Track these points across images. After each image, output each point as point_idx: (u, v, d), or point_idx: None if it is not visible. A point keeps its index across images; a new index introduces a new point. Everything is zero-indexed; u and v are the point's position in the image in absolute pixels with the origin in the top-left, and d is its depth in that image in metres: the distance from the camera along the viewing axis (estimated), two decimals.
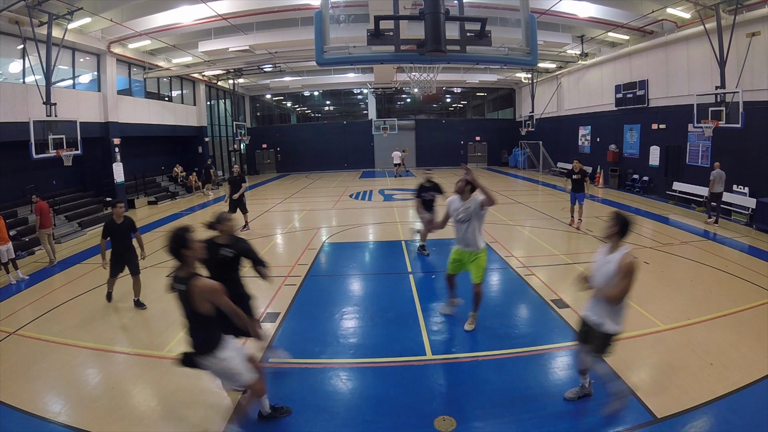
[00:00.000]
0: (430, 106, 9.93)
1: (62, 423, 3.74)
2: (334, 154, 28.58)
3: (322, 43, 3.78)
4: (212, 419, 3.73)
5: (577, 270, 7.43)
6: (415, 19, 3.75)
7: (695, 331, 5.05)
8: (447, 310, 5.73)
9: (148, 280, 7.75)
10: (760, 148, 11.01)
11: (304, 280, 7.39)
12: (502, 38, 7.07)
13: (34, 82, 10.98)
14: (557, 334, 5.10)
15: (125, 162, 15.75)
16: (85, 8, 11.38)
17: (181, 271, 3.10)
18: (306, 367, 4.58)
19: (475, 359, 4.64)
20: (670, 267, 7.65)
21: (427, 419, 3.63)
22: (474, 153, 29.50)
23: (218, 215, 4.32)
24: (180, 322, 5.68)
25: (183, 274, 3.08)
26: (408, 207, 14.83)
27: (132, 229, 6.37)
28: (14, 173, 12.32)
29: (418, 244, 8.87)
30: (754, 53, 11.01)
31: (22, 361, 4.87)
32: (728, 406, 3.68)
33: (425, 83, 18.81)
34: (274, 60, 18.45)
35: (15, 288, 7.61)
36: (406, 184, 20.94)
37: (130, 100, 16.78)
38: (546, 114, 23.24)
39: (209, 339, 3.17)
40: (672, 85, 14.34)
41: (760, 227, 10.15)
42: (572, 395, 3.84)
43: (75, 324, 5.87)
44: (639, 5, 13.62)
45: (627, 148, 17.31)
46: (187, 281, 3.03)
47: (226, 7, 13.10)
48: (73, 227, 12.16)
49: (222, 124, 25.44)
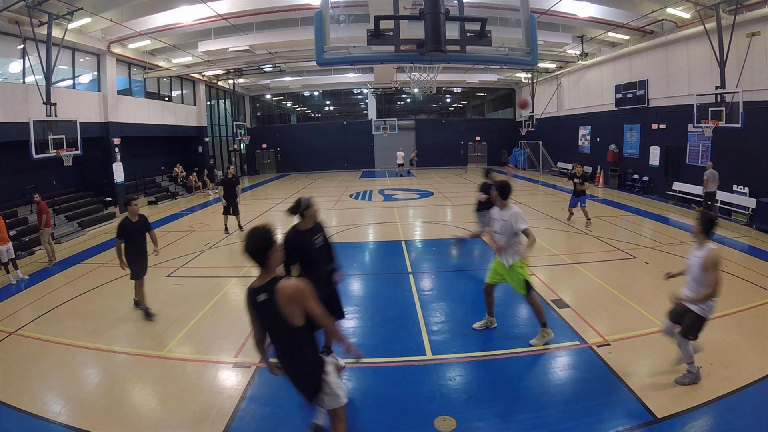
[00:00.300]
0: (524, 109, 10.06)
1: (62, 423, 3.74)
2: (334, 154, 28.58)
3: (322, 43, 3.78)
4: (212, 419, 3.72)
5: (578, 270, 7.44)
6: (415, 19, 3.75)
7: None
8: (479, 325, 5.32)
9: (148, 281, 7.76)
10: (760, 148, 11.01)
11: None
12: (502, 38, 7.07)
13: (34, 82, 10.98)
14: (557, 334, 5.10)
15: (125, 162, 15.75)
16: (85, 8, 11.39)
17: (260, 279, 2.64)
18: None
19: (475, 359, 4.64)
20: (670, 267, 7.55)
21: (427, 419, 3.63)
22: (474, 153, 29.50)
23: (301, 200, 3.96)
24: (179, 322, 5.72)
25: (262, 282, 2.62)
26: (408, 207, 14.85)
27: (147, 228, 6.13)
28: (14, 173, 12.32)
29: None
30: (754, 53, 11.01)
31: (22, 361, 4.87)
32: (728, 406, 3.68)
33: (425, 83, 18.83)
34: (274, 60, 18.45)
35: (15, 288, 7.61)
36: (406, 184, 20.95)
37: (130, 100, 16.79)
38: (546, 114, 23.24)
39: (315, 356, 2.73)
40: (672, 85, 14.34)
41: (760, 227, 10.15)
42: (684, 380, 3.95)
43: (75, 324, 5.87)
44: (639, 5, 13.63)
45: (627, 148, 17.31)
46: (269, 288, 2.57)
47: (226, 7, 13.10)
48: (73, 227, 12.16)
49: (222, 124, 25.45)
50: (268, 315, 2.62)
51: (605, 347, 4.72)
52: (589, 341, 4.88)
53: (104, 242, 10.93)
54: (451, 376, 4.38)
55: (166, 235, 11.28)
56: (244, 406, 3.91)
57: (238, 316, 5.95)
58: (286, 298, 2.53)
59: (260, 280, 2.63)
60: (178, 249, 9.73)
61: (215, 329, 5.54)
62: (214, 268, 8.37)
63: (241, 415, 3.78)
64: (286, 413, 3.81)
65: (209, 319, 5.85)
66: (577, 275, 7.23)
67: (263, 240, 2.61)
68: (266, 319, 2.67)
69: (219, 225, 11.40)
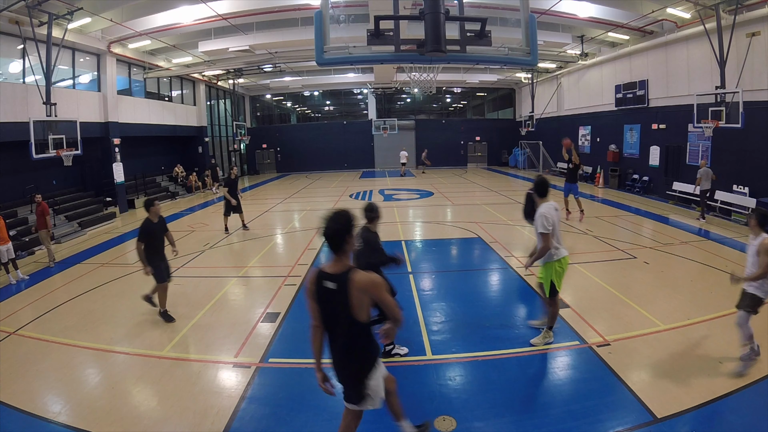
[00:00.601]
0: (567, 150, 10.02)
1: (62, 423, 3.74)
2: (334, 154, 28.58)
3: (322, 43, 3.78)
4: (212, 419, 3.72)
5: (578, 270, 7.44)
6: (415, 19, 3.75)
7: (695, 331, 5.05)
8: (536, 324, 5.31)
9: (147, 280, 7.77)
10: (760, 148, 11.00)
11: (304, 280, 7.40)
12: (502, 38, 7.09)
13: (34, 82, 10.99)
14: (557, 334, 5.09)
15: (125, 162, 15.74)
16: (85, 8, 11.39)
17: (333, 266, 2.57)
18: (306, 367, 4.57)
19: (475, 359, 4.64)
20: (670, 267, 7.65)
21: (427, 419, 3.62)
22: (474, 153, 29.50)
23: (370, 204, 4.39)
24: (179, 322, 5.72)
25: (335, 270, 2.55)
26: (408, 207, 14.84)
27: (166, 228, 6.04)
28: (14, 173, 12.33)
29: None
30: (754, 53, 11.01)
31: (22, 361, 4.87)
32: (728, 406, 3.68)
33: (425, 83, 18.84)
34: (274, 60, 18.45)
35: (15, 288, 7.61)
36: (407, 184, 20.95)
37: (130, 100, 16.79)
38: (546, 114, 23.24)
39: (372, 348, 2.69)
40: (672, 85, 14.34)
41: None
42: (746, 357, 4.23)
43: (75, 324, 5.86)
44: (639, 5, 13.62)
45: (627, 148, 17.30)
46: (342, 277, 2.50)
47: (226, 7, 13.10)
48: (73, 227, 12.16)
49: (222, 124, 25.46)
50: (333, 304, 2.54)
51: (605, 347, 4.72)
52: (589, 341, 4.87)
53: (104, 242, 10.94)
54: (451, 376, 4.38)
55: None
56: (244, 406, 3.91)
57: (238, 316, 5.96)
58: (361, 288, 2.47)
59: (333, 266, 2.56)
60: (178, 249, 9.71)
61: (215, 329, 5.54)
62: (214, 268, 8.37)
63: (241, 415, 3.78)
64: (286, 413, 3.81)
65: (209, 319, 5.85)
66: (577, 275, 7.22)
67: (347, 222, 2.52)
68: (330, 309, 2.58)
69: (219, 225, 11.40)
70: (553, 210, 4.61)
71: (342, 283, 2.49)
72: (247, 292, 7.00)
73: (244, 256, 9.27)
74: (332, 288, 2.51)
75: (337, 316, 2.57)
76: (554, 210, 4.64)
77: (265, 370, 4.54)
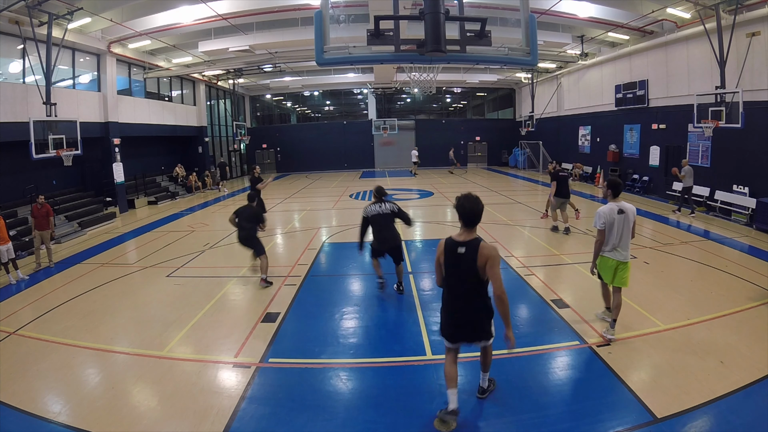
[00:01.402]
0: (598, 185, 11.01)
1: (62, 423, 3.73)
2: (334, 154, 28.58)
3: (322, 43, 3.78)
4: (212, 419, 3.73)
5: (578, 270, 7.44)
6: (415, 19, 3.75)
7: (695, 331, 5.05)
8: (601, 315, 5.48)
9: (148, 280, 7.77)
10: (760, 148, 11.01)
11: (304, 280, 7.40)
12: (502, 38, 7.08)
13: (34, 82, 10.99)
14: (557, 334, 5.10)
15: (125, 162, 15.75)
16: (85, 8, 11.40)
17: (463, 235, 3.25)
18: (306, 367, 4.57)
19: (475, 359, 4.63)
20: (670, 267, 7.65)
21: (427, 419, 3.62)
22: (474, 153, 29.51)
23: (379, 187, 5.21)
24: (179, 322, 5.72)
25: (464, 239, 3.23)
26: (408, 207, 14.81)
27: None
28: (14, 173, 12.33)
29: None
30: (754, 53, 11.01)
31: (22, 361, 4.87)
32: (728, 406, 3.68)
33: (425, 83, 18.83)
34: (274, 60, 18.45)
35: (15, 288, 7.61)
36: (407, 184, 20.95)
37: (130, 100, 16.79)
38: (546, 114, 23.24)
39: (488, 301, 3.34)
40: (672, 85, 14.34)
41: (760, 227, 10.14)
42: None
43: (75, 324, 5.86)
44: (639, 5, 13.62)
45: (627, 148, 17.31)
46: (471, 244, 3.19)
47: (226, 7, 13.11)
48: (73, 227, 12.17)
49: (222, 124, 25.46)
50: (463, 265, 3.22)
51: (605, 347, 4.72)
52: (589, 341, 4.87)
53: (104, 242, 10.94)
54: None
55: (166, 235, 11.30)
56: (244, 406, 3.90)
57: (238, 316, 5.96)
58: (484, 254, 3.14)
59: (463, 236, 3.25)
60: (178, 249, 9.74)
61: (215, 329, 5.54)
62: (214, 268, 8.37)
63: (241, 415, 3.78)
64: (286, 413, 3.81)
65: (209, 319, 5.85)
66: (577, 275, 7.23)
67: (481, 204, 3.21)
68: (458, 269, 3.25)
69: (219, 225, 11.39)
70: (611, 210, 4.82)
71: (472, 248, 3.18)
72: (247, 291, 7.00)
73: (245, 256, 9.25)
74: (462, 252, 3.20)
75: (463, 273, 3.26)
76: (616, 212, 4.82)
77: (265, 370, 4.54)
